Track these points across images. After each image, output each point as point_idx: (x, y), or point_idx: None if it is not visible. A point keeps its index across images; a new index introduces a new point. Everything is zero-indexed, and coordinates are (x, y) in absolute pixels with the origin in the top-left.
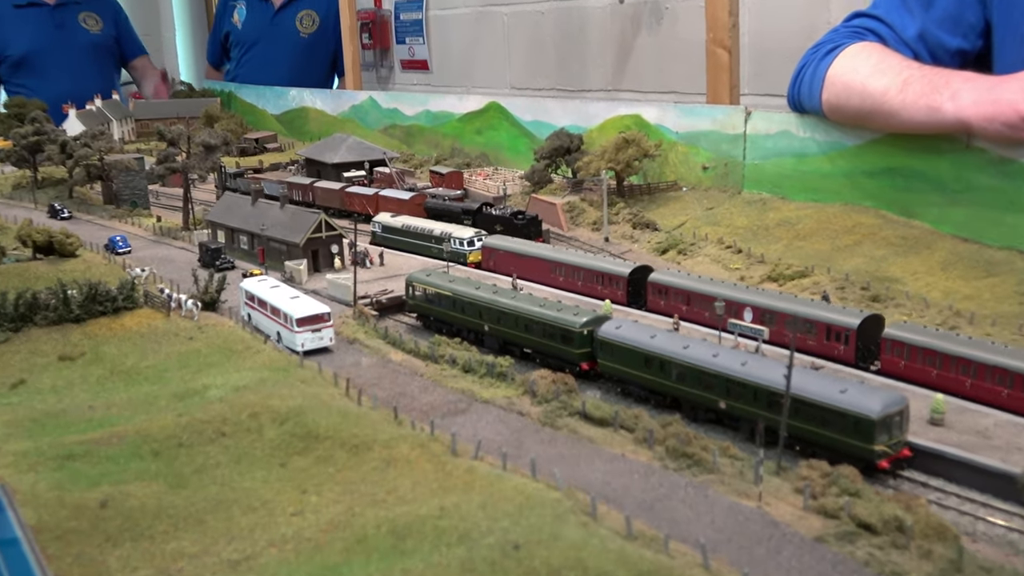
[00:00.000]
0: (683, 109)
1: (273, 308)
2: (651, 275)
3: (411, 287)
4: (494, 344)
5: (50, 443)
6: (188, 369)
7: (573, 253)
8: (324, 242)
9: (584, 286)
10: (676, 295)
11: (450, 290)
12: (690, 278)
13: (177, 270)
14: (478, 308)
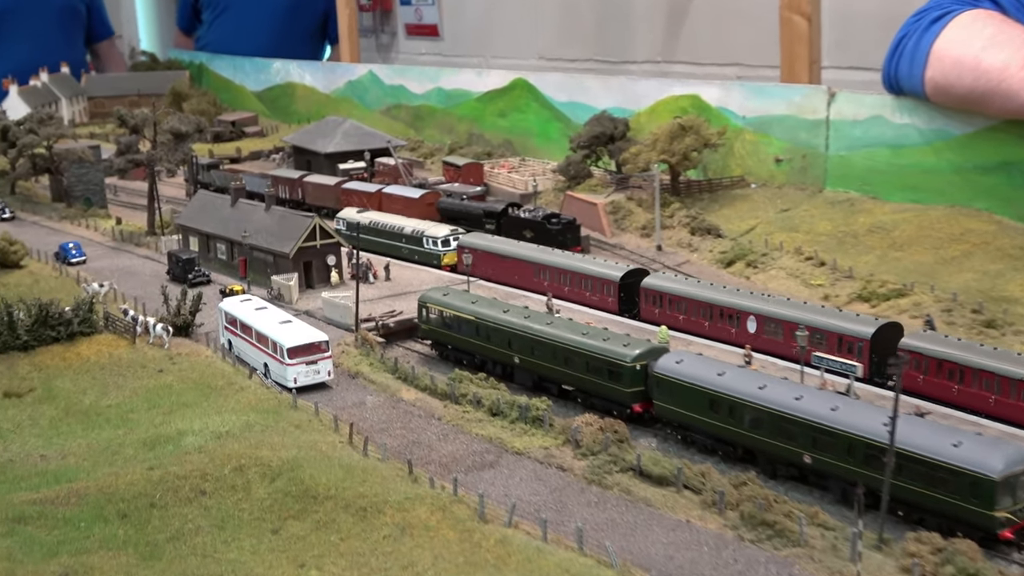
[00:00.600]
0: (751, 89)
1: (259, 335)
2: (644, 280)
3: (424, 309)
4: (526, 380)
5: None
6: (158, 410)
7: (559, 254)
8: (319, 252)
9: (571, 291)
10: (672, 302)
11: (472, 313)
12: (687, 283)
13: (142, 285)
14: (506, 335)
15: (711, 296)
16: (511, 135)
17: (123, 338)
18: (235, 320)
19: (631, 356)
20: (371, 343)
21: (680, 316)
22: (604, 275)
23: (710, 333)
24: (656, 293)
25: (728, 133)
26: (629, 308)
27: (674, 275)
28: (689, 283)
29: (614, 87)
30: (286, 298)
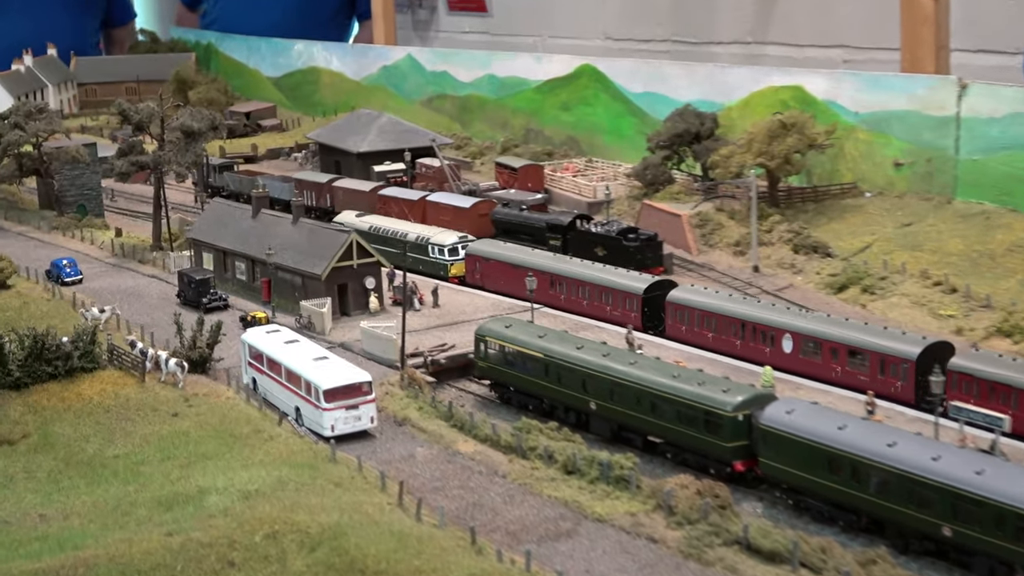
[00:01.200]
0: (866, 79)
1: (290, 373)
2: (671, 293)
3: (482, 343)
4: (604, 430)
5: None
6: (174, 462)
7: (577, 264)
8: (356, 273)
9: (590, 305)
10: (701, 319)
11: (539, 349)
12: (717, 296)
13: (149, 310)
14: (581, 376)
15: (743, 311)
16: (576, 131)
17: (130, 375)
18: (261, 355)
19: (732, 404)
20: (419, 383)
21: (709, 333)
22: (626, 287)
23: (742, 352)
24: (683, 308)
25: (838, 132)
26: (654, 324)
27: (703, 288)
28: (720, 297)
29: (699, 76)
30: (317, 328)
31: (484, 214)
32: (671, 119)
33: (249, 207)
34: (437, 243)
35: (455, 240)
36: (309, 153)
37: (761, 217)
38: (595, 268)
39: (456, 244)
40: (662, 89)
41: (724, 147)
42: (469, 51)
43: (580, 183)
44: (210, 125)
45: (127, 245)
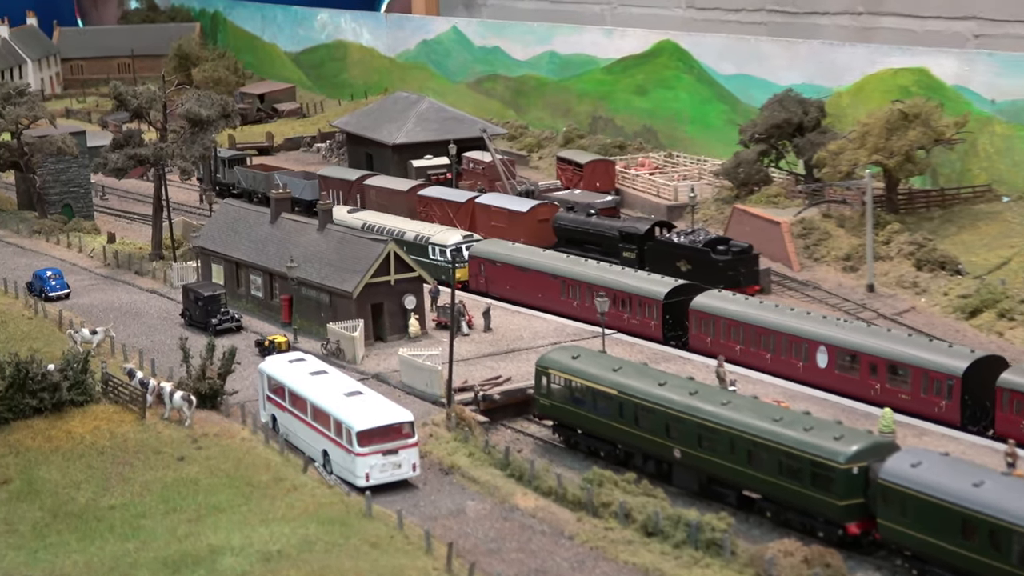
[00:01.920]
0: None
1: (317, 411)
2: (695, 299)
3: (545, 376)
4: (691, 482)
5: None
6: (181, 515)
7: (592, 266)
8: (393, 291)
9: (605, 312)
10: (728, 328)
11: (614, 384)
12: (748, 303)
13: (148, 331)
14: (663, 418)
15: (774, 320)
16: (653, 120)
17: (129, 410)
18: (282, 388)
19: (846, 454)
20: (469, 423)
21: (737, 345)
22: (645, 292)
23: (772, 367)
24: (708, 317)
25: (969, 124)
26: (676, 334)
27: (731, 294)
28: (750, 304)
29: (802, 55)
30: (347, 355)
31: (544, 220)
32: (768, 107)
33: (265, 209)
34: (438, 243)
35: (458, 240)
36: (335, 144)
37: (877, 226)
38: (611, 271)
39: (459, 244)
40: (757, 71)
41: (833, 141)
42: (525, 23)
43: (658, 183)
44: (221, 112)
45: (121, 254)
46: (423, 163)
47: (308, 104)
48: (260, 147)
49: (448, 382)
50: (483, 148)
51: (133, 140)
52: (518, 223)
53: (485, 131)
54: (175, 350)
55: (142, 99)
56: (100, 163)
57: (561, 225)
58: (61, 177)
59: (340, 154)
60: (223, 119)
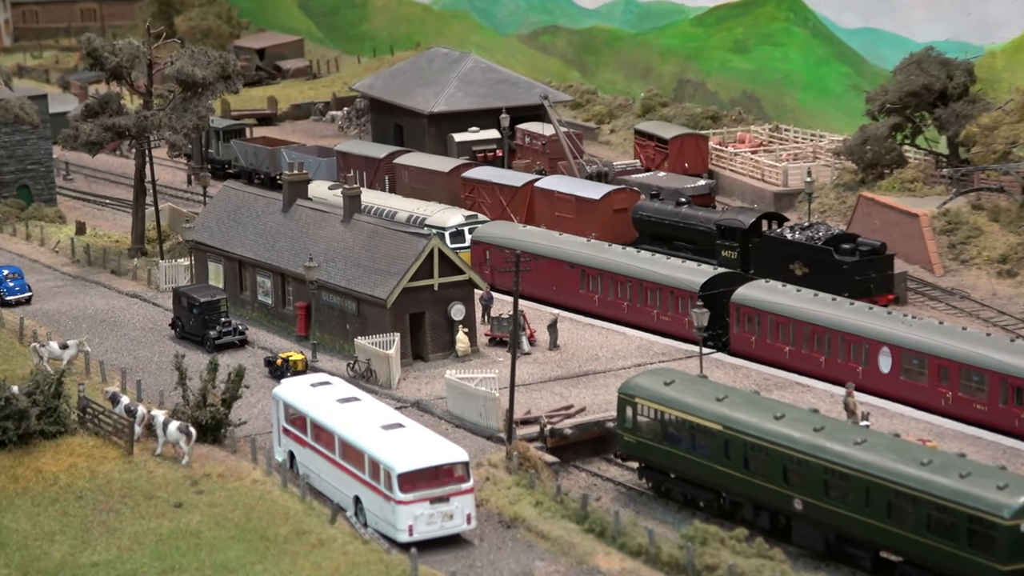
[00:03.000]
0: None
1: (347, 447)
2: (738, 291)
3: (630, 406)
4: (815, 539)
5: None
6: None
7: (617, 252)
8: (436, 298)
9: (631, 309)
10: (776, 327)
11: (718, 418)
12: (799, 296)
13: (131, 345)
14: (780, 460)
15: (830, 317)
16: (756, 85)
17: (112, 444)
18: (303, 419)
19: (1012, 507)
20: (535, 464)
21: (786, 347)
22: (677, 283)
23: (827, 372)
24: (753, 312)
25: None
26: (714, 334)
27: (782, 285)
28: (801, 297)
29: (946, 5)
30: (380, 378)
31: (622, 209)
32: (903, 69)
33: (276, 195)
34: (436, 225)
35: (459, 221)
36: (353, 112)
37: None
38: (636, 258)
39: (460, 226)
40: (889, 24)
41: (984, 113)
42: None
43: (763, 163)
44: (220, 72)
45: (94, 248)
46: (467, 137)
47: (319, 62)
48: (260, 115)
49: (508, 413)
50: (543, 119)
51: (110, 107)
52: (589, 213)
53: (546, 98)
54: (166, 369)
55: (122, 56)
56: (69, 135)
57: (643, 216)
58: (16, 152)
59: (361, 125)
60: (222, 81)
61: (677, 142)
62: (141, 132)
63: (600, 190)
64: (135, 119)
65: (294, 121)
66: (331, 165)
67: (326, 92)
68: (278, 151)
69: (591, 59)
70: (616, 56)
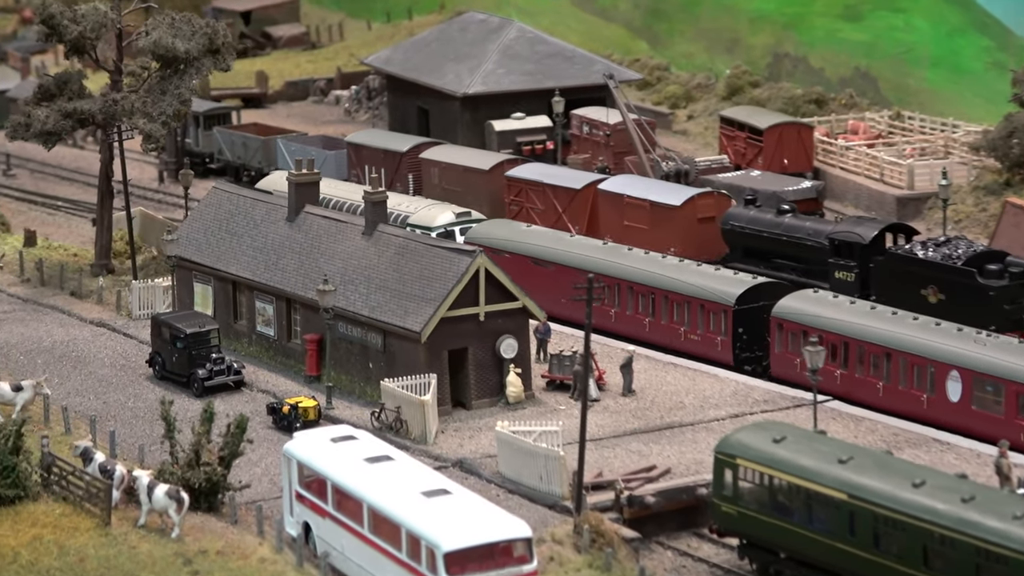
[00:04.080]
0: None
1: (379, 518)
2: (780, 303)
3: (729, 468)
4: None
5: None
6: None
7: (638, 257)
8: (481, 331)
9: (654, 327)
10: (826, 346)
11: (841, 484)
12: (854, 309)
13: (99, 387)
14: (920, 538)
15: (890, 334)
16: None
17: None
18: (322, 482)
19: None
20: (611, 540)
21: (837, 371)
22: (709, 295)
23: (885, 402)
24: (797, 328)
25: None
26: (751, 355)
27: (833, 296)
28: (857, 310)
29: None
30: (413, 430)
31: (708, 218)
32: None
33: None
34: (421, 225)
35: (450, 219)
36: (364, 93)
37: None
38: (659, 264)
39: (451, 226)
40: None
41: None
42: None
43: (882, 160)
44: (206, 45)
45: (49, 263)
46: (510, 125)
47: (319, 28)
48: (247, 95)
49: (577, 476)
50: (606, 103)
51: (70, 88)
52: (667, 223)
53: (611, 76)
54: (145, 417)
55: (85, 25)
56: (19, 123)
57: (735, 228)
58: None
59: (374, 108)
60: (209, 56)
61: (774, 132)
62: (109, 120)
63: (681, 194)
64: (101, 103)
65: (288, 103)
66: (340, 160)
67: (328, 66)
68: (273, 142)
69: (663, 26)
70: (694, 23)
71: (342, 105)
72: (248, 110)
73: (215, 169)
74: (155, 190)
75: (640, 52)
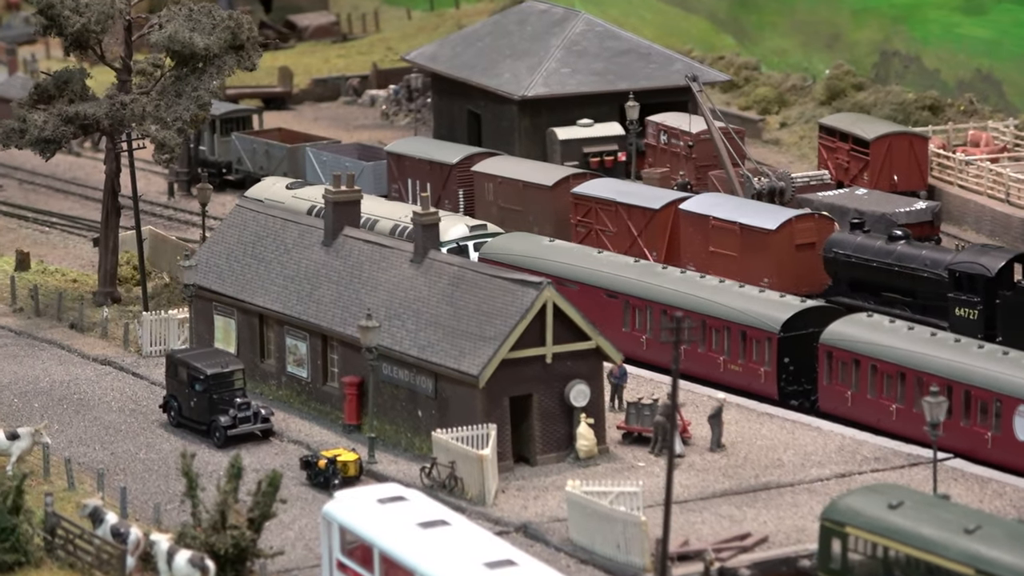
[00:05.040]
0: None
1: None
2: (829, 328)
3: (838, 538)
4: None
5: None
6: None
7: (669, 276)
8: (548, 374)
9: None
10: (879, 377)
11: (968, 557)
12: (912, 336)
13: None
14: None
15: (952, 365)
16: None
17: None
18: (367, 549)
19: None
20: None
21: (892, 404)
22: (752, 320)
23: (947, 441)
24: (848, 356)
25: None
26: (799, 389)
27: (889, 321)
28: (915, 336)
29: None
30: (469, 490)
31: (808, 244)
32: None
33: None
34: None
35: (463, 232)
36: (404, 93)
37: None
38: (701, 285)
39: (464, 240)
40: None
41: None
42: None
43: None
44: (229, 40)
45: (45, 291)
46: (576, 133)
47: (351, 16)
48: (268, 94)
49: (660, 545)
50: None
51: (72, 88)
52: (760, 250)
53: (695, 78)
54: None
55: (90, 16)
56: (12, 128)
57: (839, 256)
58: None
59: (416, 112)
60: (232, 53)
61: (882, 144)
62: (116, 126)
63: (777, 216)
64: (107, 107)
65: (316, 103)
66: (379, 172)
67: (362, 62)
68: (301, 151)
69: (751, 19)
70: (789, 15)
71: (378, 107)
72: (270, 112)
73: (233, 181)
74: (164, 205)
75: (725, 48)
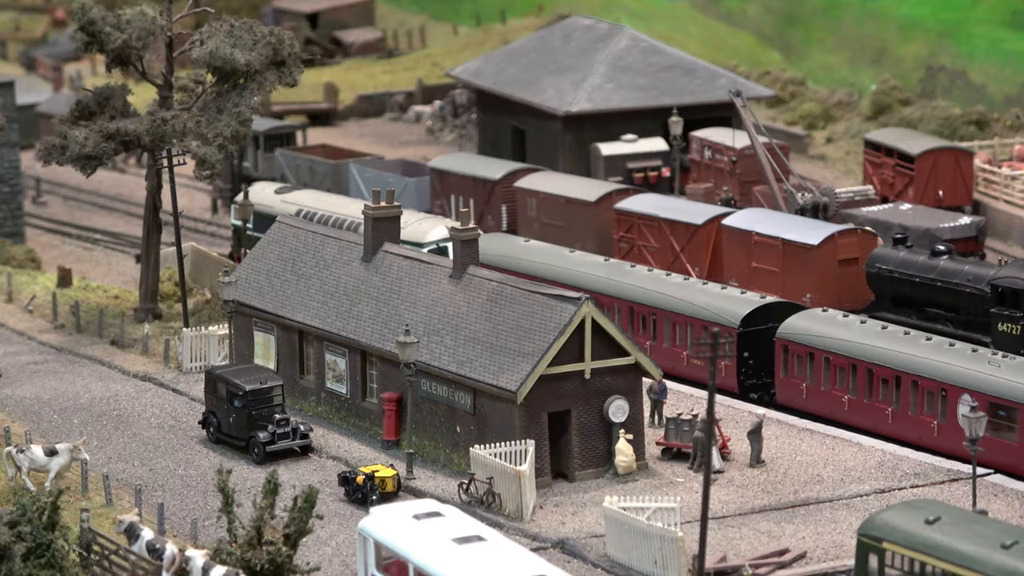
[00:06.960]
0: None
1: None
2: (786, 322)
3: (875, 554)
4: None
5: None
6: None
7: (637, 274)
8: (587, 390)
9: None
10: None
11: (1005, 574)
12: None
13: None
14: None
15: (898, 357)
16: None
17: None
18: (402, 566)
19: None
20: None
21: (844, 395)
22: (713, 316)
23: (892, 428)
24: (803, 350)
25: None
26: (758, 382)
27: (843, 315)
28: (866, 330)
29: None
30: (507, 505)
31: (851, 260)
32: None
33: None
34: (410, 240)
35: (441, 235)
36: (450, 109)
37: None
38: (665, 283)
39: (444, 242)
40: None
41: None
42: None
43: None
44: (270, 57)
45: (86, 307)
46: (620, 149)
47: (397, 33)
48: (314, 111)
49: (698, 560)
50: (732, 123)
51: (113, 105)
52: (803, 265)
53: (739, 93)
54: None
55: (131, 32)
56: (54, 145)
57: (883, 271)
58: None
59: (461, 128)
60: (273, 69)
61: (927, 159)
62: (157, 142)
63: (819, 231)
64: (148, 123)
65: (361, 120)
66: (422, 188)
67: (408, 78)
68: (344, 167)
69: (797, 34)
70: (835, 30)
71: (423, 123)
72: (315, 128)
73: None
74: (207, 222)
75: (771, 64)
